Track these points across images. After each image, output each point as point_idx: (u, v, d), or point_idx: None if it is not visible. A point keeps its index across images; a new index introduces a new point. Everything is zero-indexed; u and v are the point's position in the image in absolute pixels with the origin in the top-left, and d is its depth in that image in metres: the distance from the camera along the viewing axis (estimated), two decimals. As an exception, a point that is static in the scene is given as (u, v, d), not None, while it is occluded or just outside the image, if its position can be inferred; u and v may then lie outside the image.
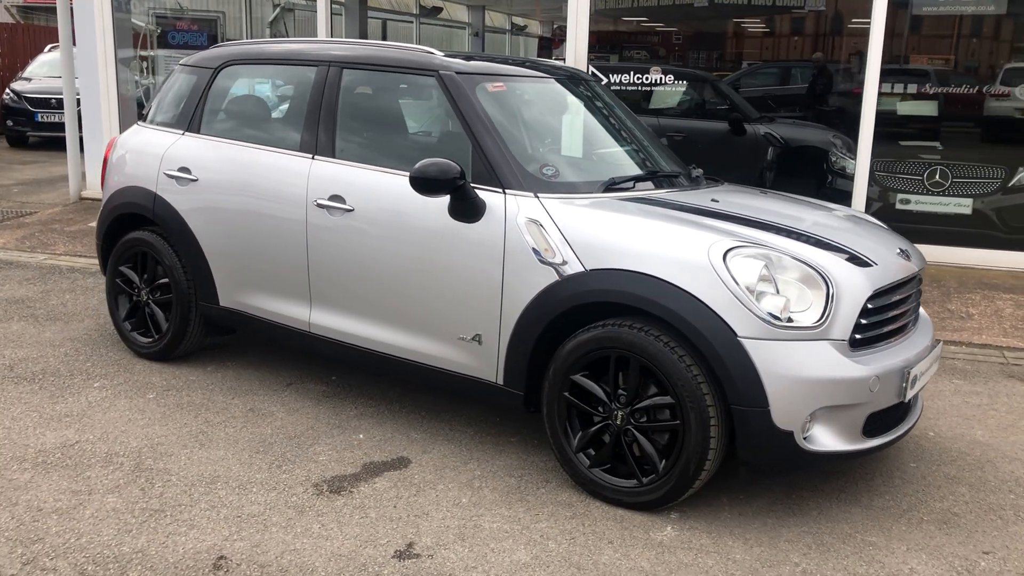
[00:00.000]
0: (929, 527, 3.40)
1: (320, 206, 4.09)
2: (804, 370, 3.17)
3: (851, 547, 3.23)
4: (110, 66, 8.93)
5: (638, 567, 3.04)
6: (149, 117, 5.04)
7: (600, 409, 3.47)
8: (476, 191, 3.69)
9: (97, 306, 5.92)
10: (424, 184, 3.63)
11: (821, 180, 8.39)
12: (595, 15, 7.79)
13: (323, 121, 4.21)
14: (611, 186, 3.85)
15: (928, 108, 7.55)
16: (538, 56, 18.14)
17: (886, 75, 7.22)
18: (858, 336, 3.32)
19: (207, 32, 9.51)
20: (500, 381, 3.73)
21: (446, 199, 3.72)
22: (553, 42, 19.22)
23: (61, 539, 3.08)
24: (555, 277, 3.49)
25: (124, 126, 9.15)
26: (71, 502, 3.33)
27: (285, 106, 4.63)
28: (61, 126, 13.16)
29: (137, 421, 4.09)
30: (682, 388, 3.23)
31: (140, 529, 3.16)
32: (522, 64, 4.47)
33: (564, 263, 3.47)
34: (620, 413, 3.40)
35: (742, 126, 8.94)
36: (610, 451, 3.47)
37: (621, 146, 4.31)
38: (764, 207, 3.93)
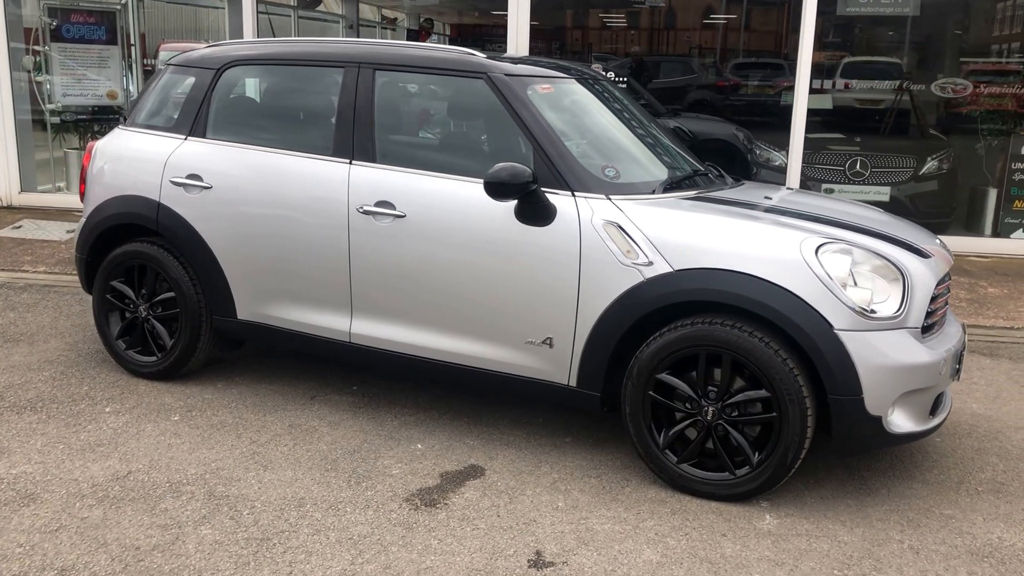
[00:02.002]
0: (988, 496, 3.68)
1: (366, 213, 3.96)
2: (891, 358, 3.36)
3: (936, 521, 3.45)
4: (2, 61, 8.25)
5: (764, 557, 3.15)
6: (133, 120, 4.71)
7: (687, 406, 3.55)
8: (545, 194, 3.68)
9: (53, 323, 5.50)
10: (496, 188, 3.59)
11: (732, 171, 8.79)
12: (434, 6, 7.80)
13: (359, 124, 4.07)
14: (669, 186, 3.93)
15: (844, 102, 8.05)
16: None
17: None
18: (924, 324, 3.54)
19: (106, 25, 8.91)
20: (573, 383, 3.75)
21: (511, 203, 3.70)
22: (420, 34, 19.11)
23: (181, 578, 2.89)
24: (639, 278, 3.54)
25: (19, 125, 8.51)
26: (165, 537, 3.12)
27: (300, 109, 4.44)
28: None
29: (178, 446, 3.85)
30: (780, 382, 3.35)
31: (257, 560, 3.00)
32: (549, 66, 4.46)
33: (649, 264, 3.52)
34: (711, 409, 3.49)
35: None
36: (699, 447, 3.55)
37: (655, 145, 4.39)
38: (813, 203, 4.12)
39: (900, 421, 3.47)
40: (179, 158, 4.40)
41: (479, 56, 4.04)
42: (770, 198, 4.03)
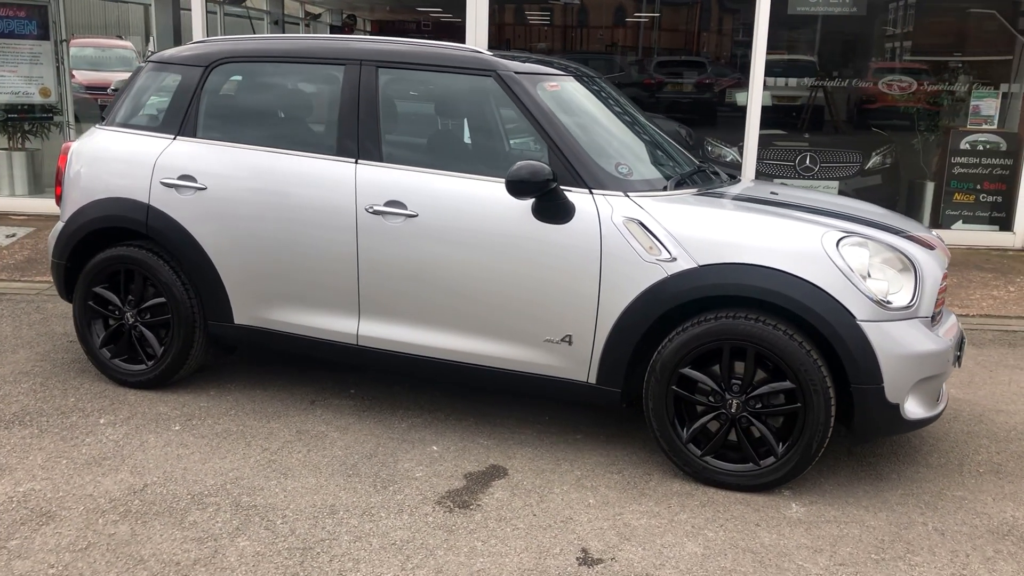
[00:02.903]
0: (992, 477, 3.83)
1: (375, 213, 3.90)
2: (908, 347, 3.47)
3: (950, 503, 3.58)
4: (-71, 59, 7.83)
5: (802, 545, 3.22)
6: (112, 120, 4.52)
7: (710, 399, 3.60)
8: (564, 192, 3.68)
9: (15, 333, 5.25)
10: (516, 187, 3.58)
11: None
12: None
13: (363, 123, 4.00)
14: (679, 182, 3.98)
15: (795, 99, 8.26)
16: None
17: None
18: (933, 313, 3.67)
19: (37, 20, 8.52)
20: (592, 380, 3.76)
21: (528, 201, 3.69)
22: (344, 30, 18.89)
23: (232, 593, 2.79)
24: (663, 274, 3.57)
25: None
26: (203, 551, 3.01)
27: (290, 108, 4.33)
28: None
29: (188, 457, 3.73)
30: (804, 373, 3.43)
31: (305, 570, 2.93)
32: (546, 63, 4.45)
33: (673, 260, 3.55)
34: (735, 401, 3.55)
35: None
36: (722, 439, 3.61)
37: (654, 142, 4.43)
38: (815, 198, 4.22)
39: (913, 408, 3.59)
40: (169, 158, 4.25)
41: (486, 53, 4.01)
42: (776, 193, 4.12)
